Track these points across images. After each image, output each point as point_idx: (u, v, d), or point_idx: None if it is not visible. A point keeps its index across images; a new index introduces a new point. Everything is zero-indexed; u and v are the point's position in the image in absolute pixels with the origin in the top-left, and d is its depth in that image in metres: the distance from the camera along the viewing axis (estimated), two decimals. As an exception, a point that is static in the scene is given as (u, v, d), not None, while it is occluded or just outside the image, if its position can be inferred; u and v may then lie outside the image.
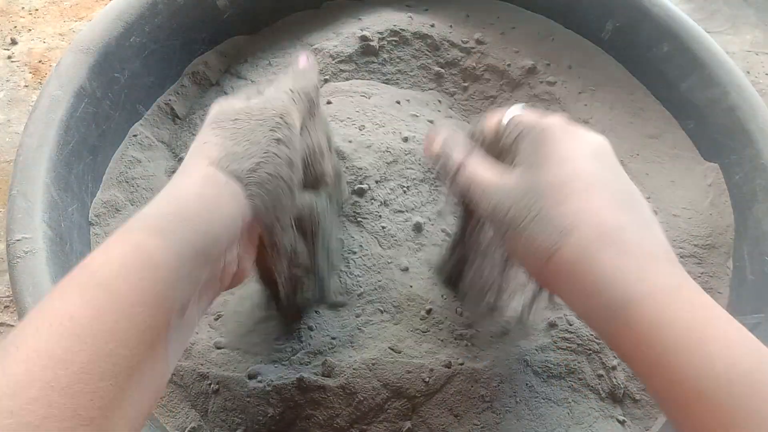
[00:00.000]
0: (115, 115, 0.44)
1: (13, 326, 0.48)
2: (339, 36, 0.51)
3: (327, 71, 0.49)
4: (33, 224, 0.35)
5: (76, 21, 0.66)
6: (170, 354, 0.24)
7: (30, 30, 0.64)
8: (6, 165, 0.56)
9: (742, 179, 0.43)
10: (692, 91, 0.47)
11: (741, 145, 0.43)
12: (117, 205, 0.42)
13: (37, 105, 0.39)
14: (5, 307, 0.49)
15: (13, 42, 0.63)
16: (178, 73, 0.49)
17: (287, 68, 0.36)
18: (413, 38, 0.51)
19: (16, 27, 0.65)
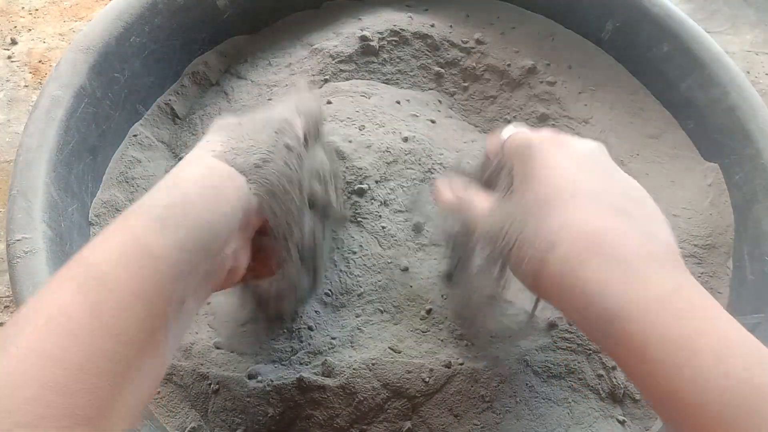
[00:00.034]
0: (115, 115, 0.44)
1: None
2: (339, 36, 0.51)
3: (327, 71, 0.49)
4: (33, 224, 0.35)
5: (76, 21, 0.66)
6: (168, 348, 0.23)
7: (30, 30, 0.64)
8: (6, 165, 0.56)
9: (742, 179, 0.43)
10: (692, 91, 0.47)
11: (741, 145, 0.43)
12: (117, 205, 0.43)
13: (37, 105, 0.39)
14: (5, 307, 0.49)
15: (13, 42, 0.63)
16: (178, 73, 0.49)
17: (289, 91, 0.36)
18: (413, 38, 0.51)
19: (16, 27, 0.65)
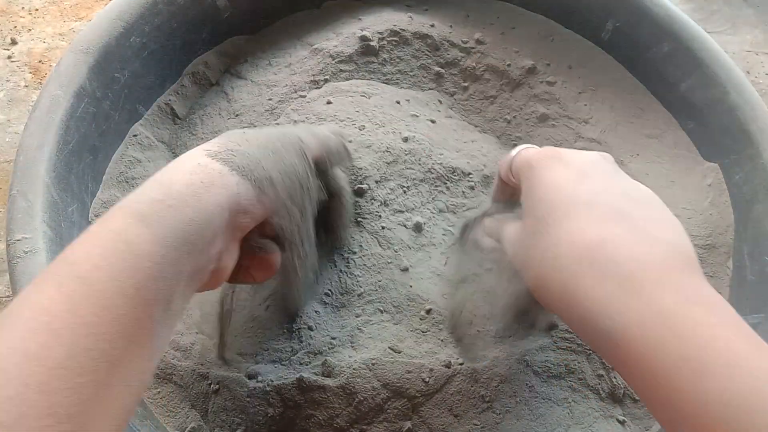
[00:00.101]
0: (115, 115, 0.44)
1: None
2: (339, 36, 0.51)
3: (327, 71, 0.49)
4: (33, 224, 0.35)
5: (76, 21, 0.66)
6: (155, 347, 0.23)
7: (30, 30, 0.64)
8: (6, 165, 0.56)
9: (742, 179, 0.43)
10: (692, 91, 0.47)
11: (741, 145, 0.43)
12: (117, 205, 0.42)
13: (37, 105, 0.39)
14: (5, 308, 0.49)
15: (13, 42, 0.63)
16: (178, 73, 0.49)
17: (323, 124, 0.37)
18: (413, 38, 0.51)
19: (16, 27, 0.64)
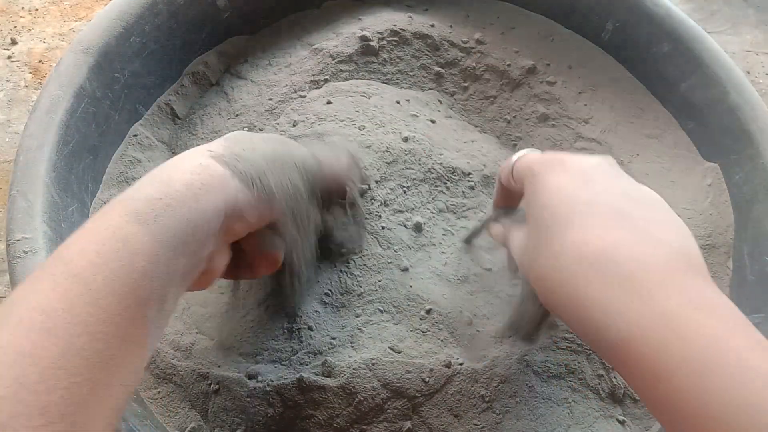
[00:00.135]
0: (115, 115, 0.44)
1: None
2: (339, 36, 0.51)
3: (327, 71, 0.49)
4: (33, 224, 0.35)
5: (76, 21, 0.66)
6: (148, 345, 0.23)
7: (30, 30, 0.64)
8: (6, 165, 0.56)
9: (742, 179, 0.43)
10: (692, 91, 0.47)
11: (741, 145, 0.43)
12: (117, 205, 0.43)
13: (37, 105, 0.39)
14: (5, 307, 0.49)
15: (13, 42, 0.63)
16: (178, 73, 0.49)
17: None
18: (413, 38, 0.51)
19: (16, 27, 0.64)
